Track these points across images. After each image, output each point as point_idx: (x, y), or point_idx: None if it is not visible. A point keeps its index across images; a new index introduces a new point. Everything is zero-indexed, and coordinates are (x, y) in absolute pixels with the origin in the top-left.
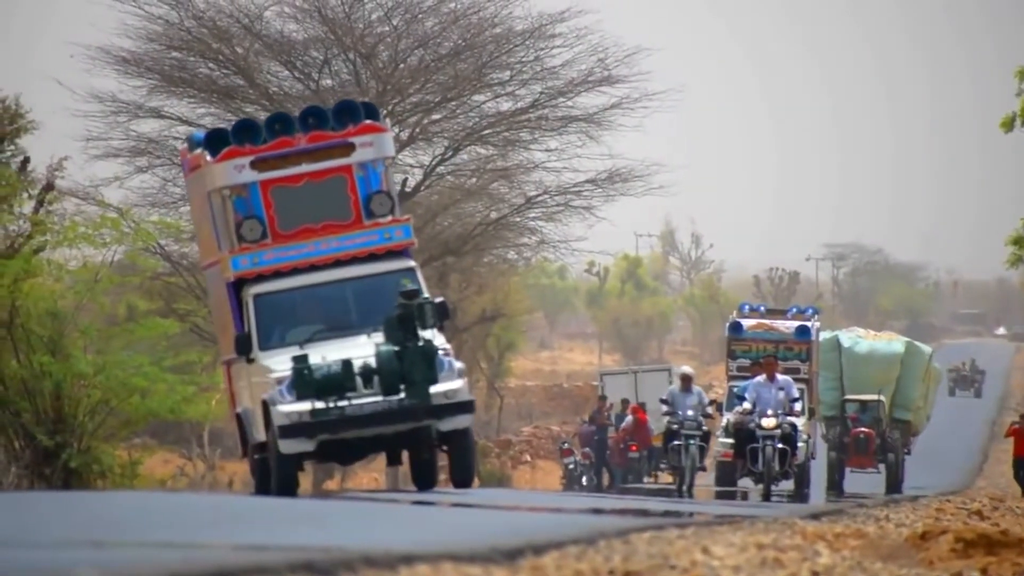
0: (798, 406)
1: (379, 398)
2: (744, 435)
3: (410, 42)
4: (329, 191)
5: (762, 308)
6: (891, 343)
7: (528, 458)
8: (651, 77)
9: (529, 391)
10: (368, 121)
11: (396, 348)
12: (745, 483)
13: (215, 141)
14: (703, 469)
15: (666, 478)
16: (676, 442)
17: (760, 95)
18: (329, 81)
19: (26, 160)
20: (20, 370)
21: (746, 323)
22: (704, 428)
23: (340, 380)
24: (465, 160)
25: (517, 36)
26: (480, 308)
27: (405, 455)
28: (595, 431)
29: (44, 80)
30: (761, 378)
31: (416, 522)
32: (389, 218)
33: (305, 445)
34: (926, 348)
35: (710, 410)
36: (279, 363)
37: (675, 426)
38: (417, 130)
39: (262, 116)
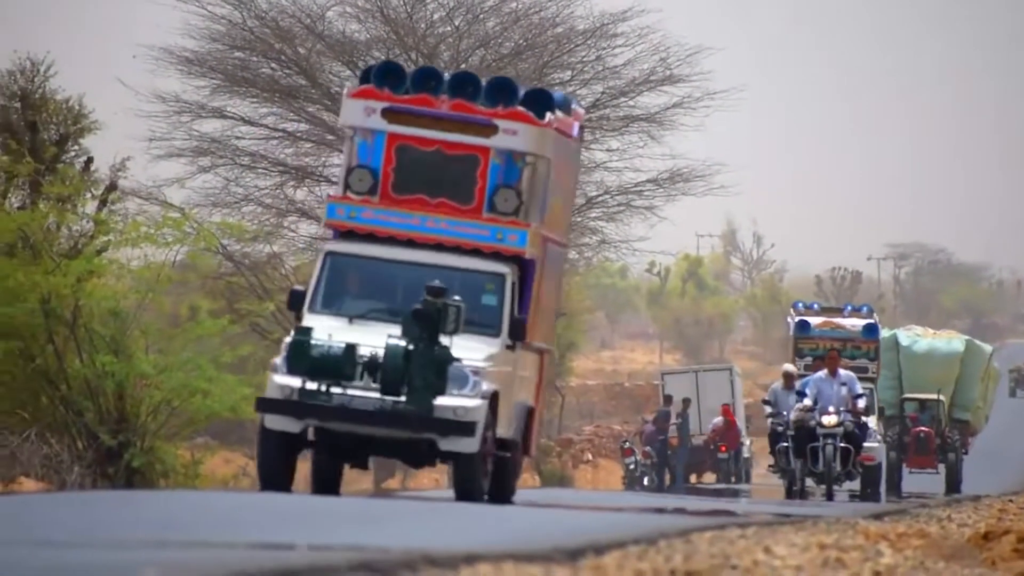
0: (862, 403)
1: (376, 395)
2: (804, 433)
3: (471, 42)
4: (458, 168)
5: (815, 306)
6: (951, 341)
7: (589, 457)
8: (713, 76)
9: (590, 390)
10: (520, 108)
11: (406, 346)
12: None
13: (371, 74)
14: (849, 477)
15: (708, 478)
16: (783, 444)
17: (823, 95)
18: None
19: (89, 160)
20: (83, 370)
21: (813, 321)
22: (848, 426)
23: (338, 364)
24: None
25: (579, 35)
26: None
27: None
28: (657, 431)
29: (108, 81)
30: (823, 373)
31: (478, 522)
32: (510, 219)
33: (290, 425)
34: (986, 347)
35: (861, 404)
36: (335, 328)
37: (780, 427)
38: None
39: (324, 116)
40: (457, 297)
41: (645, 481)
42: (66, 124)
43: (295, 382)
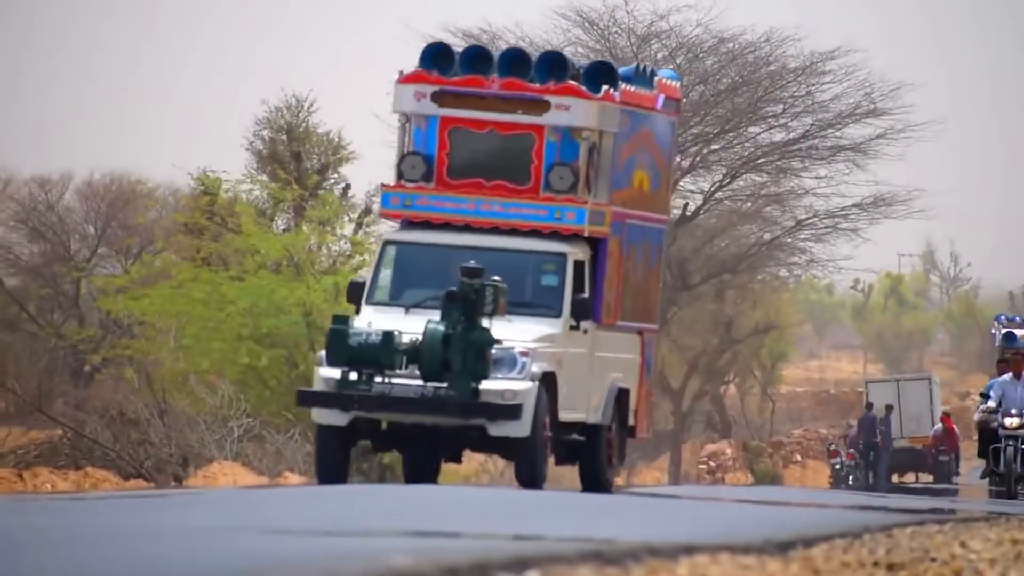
0: None
1: (418, 382)
2: (987, 435)
3: (692, 79)
4: (512, 148)
5: (1017, 318)
6: None
7: (798, 458)
8: (914, 109)
9: (799, 397)
10: (572, 83)
11: (445, 330)
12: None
13: (421, 58)
14: None
15: (909, 478)
16: (996, 444)
17: (1019, 124)
18: None
19: (347, 187)
20: None
21: (1019, 332)
22: None
23: (377, 352)
24: (741, 186)
25: (790, 73)
26: (754, 321)
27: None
28: (864, 435)
29: (363, 114)
30: (1008, 376)
31: (694, 516)
32: (567, 196)
33: (337, 418)
34: None
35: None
36: (375, 317)
37: (995, 424)
38: (697, 159)
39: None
40: (497, 277)
41: (850, 480)
42: (327, 154)
43: (333, 373)
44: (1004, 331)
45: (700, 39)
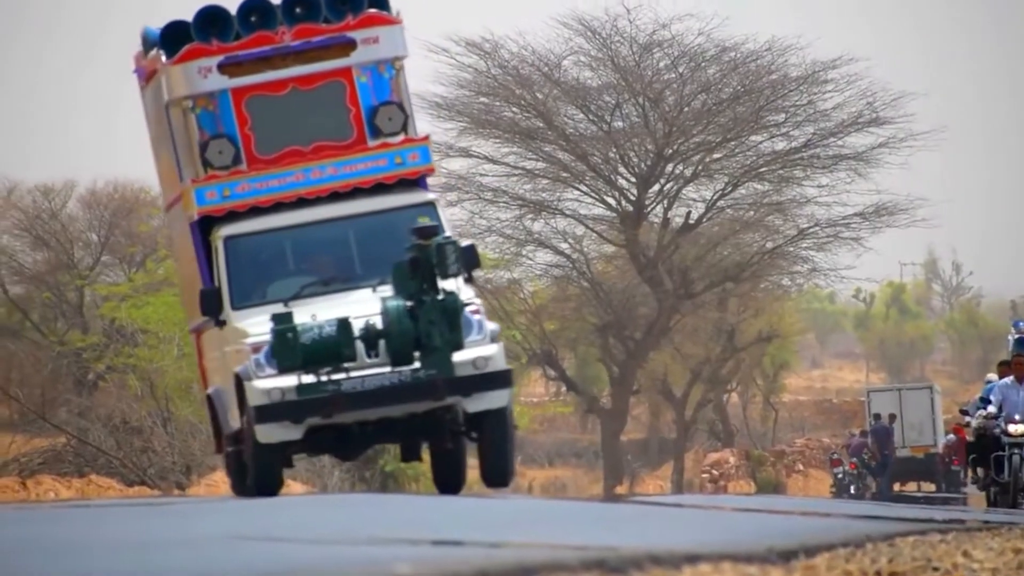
0: None
1: (386, 369)
2: (988, 441)
3: (694, 88)
4: (322, 102)
5: None
6: None
7: (800, 467)
8: (916, 119)
9: (801, 405)
10: (372, 11)
11: (409, 303)
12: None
13: (174, 38)
14: None
15: (911, 487)
16: (998, 452)
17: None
18: (620, 123)
19: None
20: None
21: None
22: None
23: (335, 346)
24: (743, 195)
25: (792, 82)
26: (757, 330)
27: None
28: (878, 445)
29: None
30: (1009, 379)
31: (696, 524)
32: (401, 137)
33: (289, 432)
34: None
35: (974, 418)
36: (257, 325)
37: (996, 431)
38: (700, 167)
39: (560, 155)
40: (448, 232)
41: (852, 489)
42: None
43: (284, 381)
44: (1017, 337)
45: (702, 48)
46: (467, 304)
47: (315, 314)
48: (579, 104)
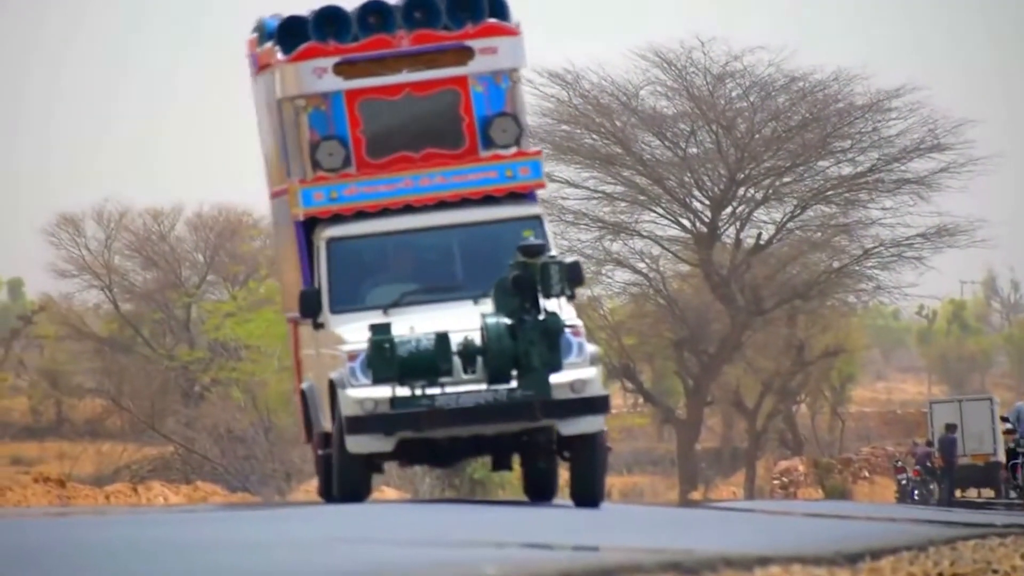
0: None
1: (483, 387)
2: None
3: (764, 115)
4: (436, 109)
5: None
6: None
7: (866, 474)
8: (975, 144)
9: (867, 416)
10: (492, 20)
11: (509, 321)
12: None
13: (291, 33)
14: None
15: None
16: (1015, 461)
17: None
18: (695, 149)
19: None
20: None
21: None
22: None
23: (432, 360)
24: (811, 217)
25: (857, 110)
26: (824, 345)
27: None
28: (930, 452)
29: None
30: None
31: (767, 529)
32: (514, 150)
33: (380, 444)
34: None
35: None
36: (354, 332)
37: (1012, 444)
38: (770, 191)
39: (637, 180)
40: (554, 252)
41: (915, 495)
42: None
43: (378, 392)
44: None
45: (772, 78)
46: (569, 325)
47: (413, 326)
48: (656, 131)
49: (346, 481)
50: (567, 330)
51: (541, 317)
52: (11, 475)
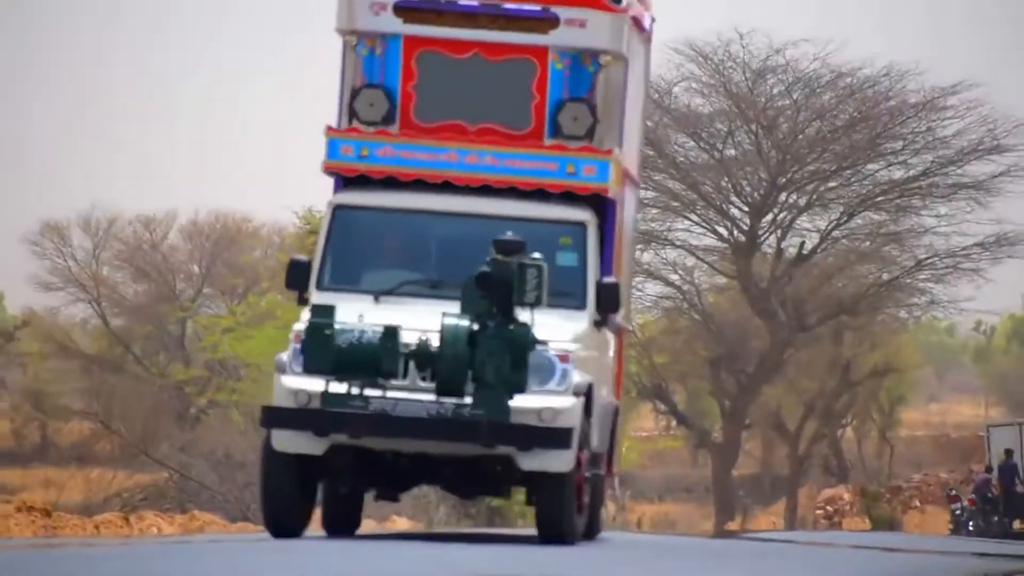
0: None
1: (429, 396)
2: None
3: (808, 114)
4: (504, 79)
5: None
6: None
7: (917, 503)
8: None
9: (918, 441)
10: None
11: (470, 325)
12: None
13: None
14: None
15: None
16: None
17: None
18: (732, 151)
19: None
20: None
21: None
22: None
23: (373, 356)
24: (859, 224)
25: (910, 108)
26: (872, 363)
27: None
28: (989, 479)
29: None
30: None
31: (810, 561)
32: (583, 144)
33: (310, 445)
34: None
35: None
36: (363, 309)
37: None
38: (814, 197)
39: (670, 184)
40: (538, 255)
41: (970, 526)
42: None
43: (310, 383)
44: None
45: (817, 73)
46: (541, 341)
47: (362, 314)
48: (690, 132)
49: (271, 487)
50: (552, 353)
51: (511, 327)
52: None
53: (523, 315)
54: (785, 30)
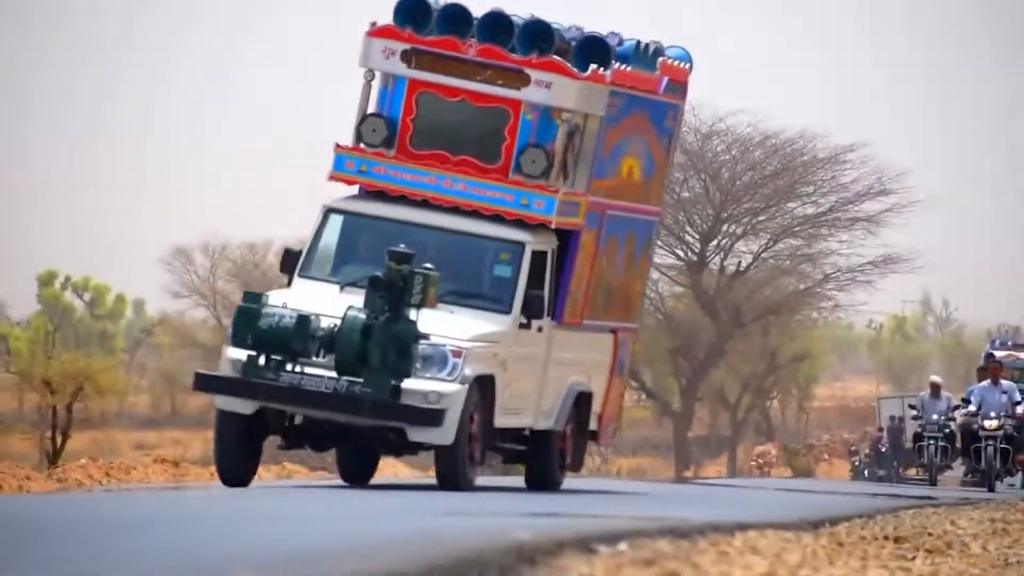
0: (1020, 409)
1: (331, 374)
2: (968, 436)
3: (744, 166)
4: (485, 122)
5: (1009, 343)
6: None
7: (826, 457)
8: (914, 189)
9: (827, 409)
10: (555, 58)
11: (364, 318)
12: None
13: (395, 12)
14: (948, 467)
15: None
16: (922, 443)
17: (997, 196)
18: (687, 193)
19: None
20: None
21: (999, 353)
22: (948, 430)
23: (289, 337)
24: (781, 248)
25: (819, 162)
26: (792, 352)
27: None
28: (881, 438)
29: None
30: (986, 383)
31: (746, 501)
32: (538, 183)
33: (241, 405)
34: None
35: (956, 415)
36: (288, 296)
37: (920, 429)
38: (748, 227)
39: None
40: (429, 265)
41: (866, 474)
42: None
43: (239, 354)
44: (986, 351)
45: (750, 136)
46: (424, 336)
47: (287, 302)
48: None
49: (219, 439)
50: (448, 348)
51: (399, 322)
52: (135, 457)
53: (413, 314)
54: (726, 102)
